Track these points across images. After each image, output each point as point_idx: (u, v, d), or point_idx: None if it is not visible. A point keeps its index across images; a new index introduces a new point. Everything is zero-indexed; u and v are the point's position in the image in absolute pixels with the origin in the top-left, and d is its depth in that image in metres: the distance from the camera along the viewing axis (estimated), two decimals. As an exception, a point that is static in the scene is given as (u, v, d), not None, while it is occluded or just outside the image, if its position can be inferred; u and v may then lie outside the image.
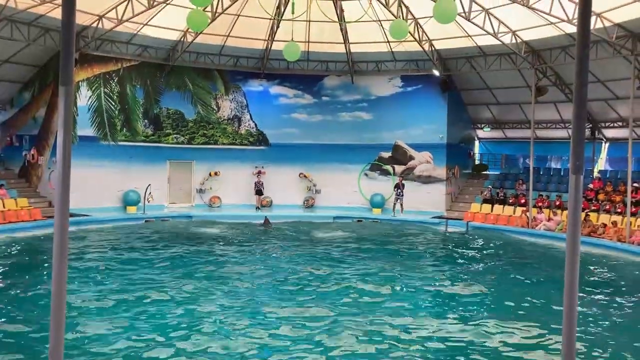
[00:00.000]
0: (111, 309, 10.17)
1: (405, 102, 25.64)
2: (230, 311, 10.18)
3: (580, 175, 2.92)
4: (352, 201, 25.56)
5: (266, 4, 20.36)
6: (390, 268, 14.42)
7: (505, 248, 18.21)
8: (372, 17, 21.40)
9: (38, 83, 22.32)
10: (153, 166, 24.01)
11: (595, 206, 21.00)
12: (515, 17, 19.49)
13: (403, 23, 15.09)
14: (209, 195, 25.37)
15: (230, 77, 25.95)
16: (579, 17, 2.97)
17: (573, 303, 2.90)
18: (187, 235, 18.96)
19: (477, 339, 8.98)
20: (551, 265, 14.96)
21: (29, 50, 20.69)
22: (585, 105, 2.93)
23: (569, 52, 20.12)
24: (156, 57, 23.77)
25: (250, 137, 26.51)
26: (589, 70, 15.54)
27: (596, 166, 25.22)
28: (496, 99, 25.95)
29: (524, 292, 12.28)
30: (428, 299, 11.91)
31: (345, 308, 10.59)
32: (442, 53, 23.80)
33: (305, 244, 17.85)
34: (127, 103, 23.68)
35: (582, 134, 2.96)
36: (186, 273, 13.22)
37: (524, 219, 21.59)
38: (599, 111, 23.64)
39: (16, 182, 22.26)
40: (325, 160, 25.99)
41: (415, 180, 25.34)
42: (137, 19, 20.13)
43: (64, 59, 2.88)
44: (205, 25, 14.74)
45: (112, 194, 22.65)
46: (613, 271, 15.05)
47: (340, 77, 26.39)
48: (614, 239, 18.53)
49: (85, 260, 14.31)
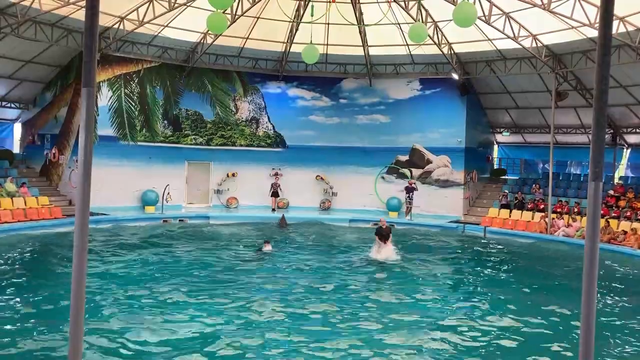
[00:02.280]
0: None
1: (424, 105, 25.56)
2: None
3: (599, 182, 2.91)
4: (368, 204, 25.52)
5: (285, 6, 20.48)
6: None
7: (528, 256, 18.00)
8: (391, 20, 21.36)
9: (60, 83, 22.66)
10: (171, 166, 24.24)
11: (615, 213, 20.71)
12: (535, 20, 19.31)
13: (422, 27, 15.02)
14: (227, 196, 25.52)
15: (249, 78, 26.10)
16: (600, 24, 2.95)
17: (591, 309, 2.88)
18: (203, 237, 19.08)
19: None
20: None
21: (51, 51, 21.03)
22: (605, 112, 2.91)
23: (590, 57, 19.88)
24: (176, 58, 24.00)
25: (267, 138, 26.62)
26: (611, 75, 15.31)
27: (617, 172, 24.88)
28: (515, 103, 25.74)
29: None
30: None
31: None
32: (461, 56, 23.67)
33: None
34: (147, 104, 23.93)
35: (602, 141, 2.94)
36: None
37: (543, 225, 21.37)
38: (621, 117, 23.31)
39: (37, 181, 22.62)
40: (342, 163, 26.00)
41: (432, 184, 25.24)
42: (157, 21, 20.34)
43: (86, 62, 2.94)
44: (224, 27, 14.83)
45: (130, 194, 22.90)
46: (633, 278, 14.83)
47: (358, 80, 26.38)
48: (634, 246, 18.26)
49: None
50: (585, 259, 2.88)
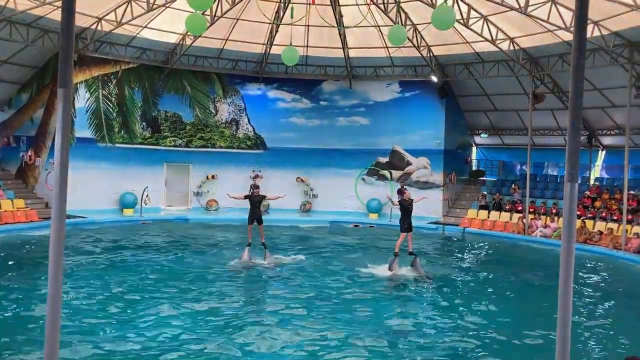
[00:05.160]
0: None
1: (403, 108, 25.71)
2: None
3: (575, 183, 2.95)
4: (349, 206, 25.58)
5: (265, 8, 20.44)
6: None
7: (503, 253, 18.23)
8: (370, 23, 21.46)
9: (36, 84, 22.31)
10: (150, 169, 24.02)
11: (591, 213, 21.05)
12: (513, 24, 19.56)
13: (401, 29, 15.13)
14: (206, 199, 25.35)
15: (229, 80, 25.99)
16: (575, 28, 3.00)
17: (567, 308, 2.92)
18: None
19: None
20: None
21: (27, 52, 20.70)
22: (580, 115, 2.96)
23: (566, 60, 20.18)
24: (155, 59, 23.80)
25: (247, 140, 26.53)
26: (586, 78, 15.52)
27: (593, 173, 25.29)
28: (494, 106, 26.02)
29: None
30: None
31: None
32: (440, 59, 23.87)
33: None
34: (125, 105, 23.69)
35: (577, 143, 2.99)
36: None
37: (521, 226, 21.63)
38: (596, 119, 23.71)
39: (13, 183, 22.23)
40: (322, 165, 26.02)
41: (412, 186, 25.31)
42: (136, 22, 20.14)
43: (62, 62, 2.90)
44: (204, 28, 14.76)
45: (109, 196, 22.64)
46: (607, 278, 15.09)
47: (339, 82, 26.44)
48: (609, 247, 18.58)
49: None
50: (562, 259, 2.92)
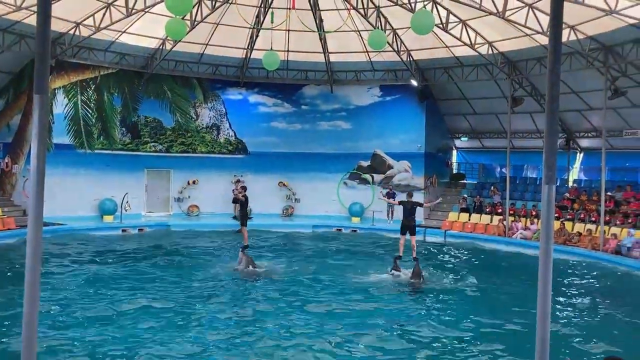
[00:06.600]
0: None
1: (384, 112, 25.84)
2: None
3: (552, 185, 2.98)
4: (331, 210, 25.60)
5: (245, 13, 20.38)
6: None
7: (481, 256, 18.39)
8: (351, 27, 21.54)
9: (12, 90, 21.95)
10: (130, 175, 23.78)
11: (570, 215, 21.32)
12: (491, 28, 19.77)
13: (381, 33, 15.19)
14: (187, 204, 25.18)
15: (209, 85, 25.88)
16: (550, 32, 3.04)
17: (546, 309, 2.95)
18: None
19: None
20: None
21: (4, 57, 20.37)
22: (556, 118, 2.99)
23: (543, 64, 20.43)
24: (134, 65, 23.59)
25: (229, 145, 26.42)
26: (563, 82, 15.71)
27: (571, 175, 25.63)
28: (473, 109, 26.26)
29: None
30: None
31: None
32: (420, 63, 24.04)
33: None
34: (105, 111, 23.44)
35: (555, 145, 3.02)
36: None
37: (501, 228, 21.82)
38: (574, 121, 24.05)
39: (-11, 191, 21.84)
40: (304, 169, 26.00)
41: (393, 189, 25.45)
42: (115, 27, 19.97)
43: (38, 68, 2.86)
44: (183, 33, 14.65)
45: (88, 203, 22.35)
46: (587, 278, 15.29)
47: (320, 87, 26.48)
48: (588, 247, 18.82)
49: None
50: (540, 260, 2.95)
